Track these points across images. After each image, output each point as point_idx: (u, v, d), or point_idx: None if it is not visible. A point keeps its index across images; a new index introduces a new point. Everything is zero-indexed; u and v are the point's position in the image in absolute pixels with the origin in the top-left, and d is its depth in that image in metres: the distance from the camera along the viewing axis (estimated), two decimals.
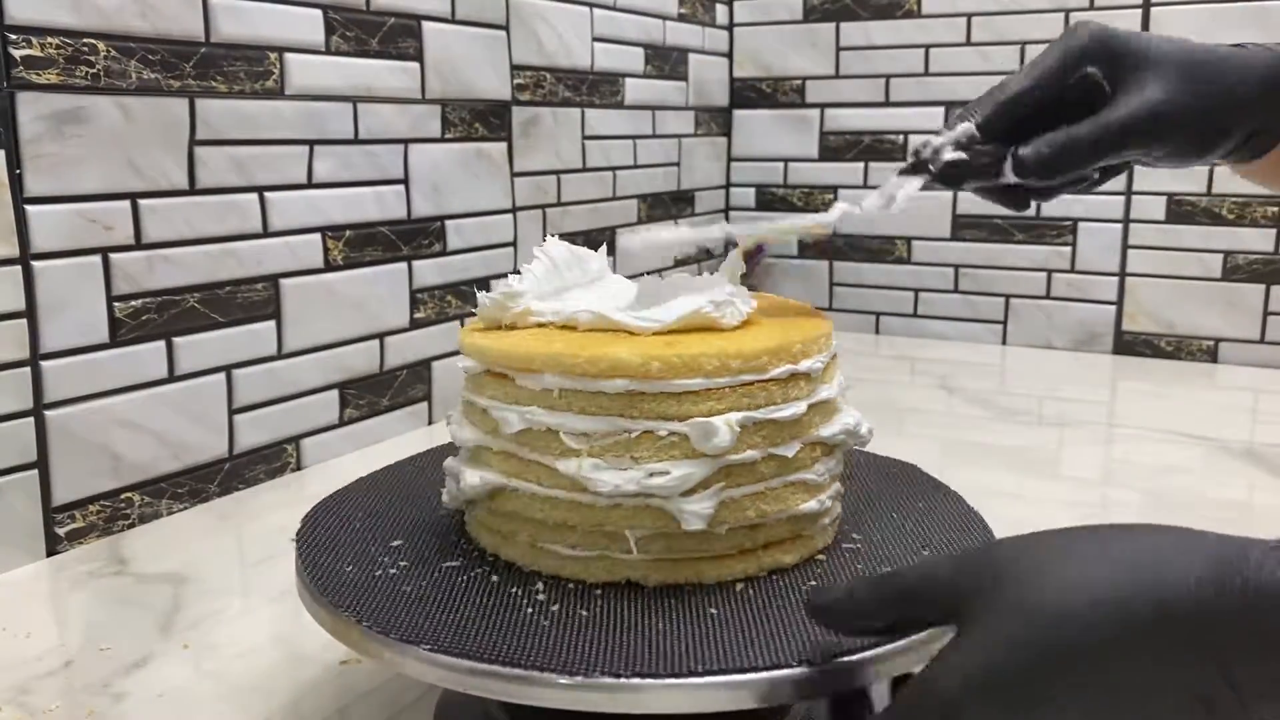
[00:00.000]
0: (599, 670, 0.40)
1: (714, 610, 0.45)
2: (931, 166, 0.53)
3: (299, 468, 0.92)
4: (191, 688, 0.57)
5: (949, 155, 0.52)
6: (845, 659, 0.40)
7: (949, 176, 0.52)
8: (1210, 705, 0.30)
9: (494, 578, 0.49)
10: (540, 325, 0.52)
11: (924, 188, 0.53)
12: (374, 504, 0.57)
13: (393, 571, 0.49)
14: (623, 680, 0.39)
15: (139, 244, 0.77)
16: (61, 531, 0.74)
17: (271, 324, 0.88)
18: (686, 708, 0.40)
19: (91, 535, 0.76)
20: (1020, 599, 0.34)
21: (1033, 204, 0.55)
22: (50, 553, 0.73)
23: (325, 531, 0.53)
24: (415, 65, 0.99)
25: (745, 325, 0.51)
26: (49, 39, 0.70)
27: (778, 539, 0.49)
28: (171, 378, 0.80)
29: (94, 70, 0.73)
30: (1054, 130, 0.50)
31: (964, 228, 1.46)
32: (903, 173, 0.54)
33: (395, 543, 0.52)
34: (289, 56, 0.87)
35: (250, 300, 0.86)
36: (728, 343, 0.48)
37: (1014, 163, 0.50)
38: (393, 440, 1.00)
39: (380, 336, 0.99)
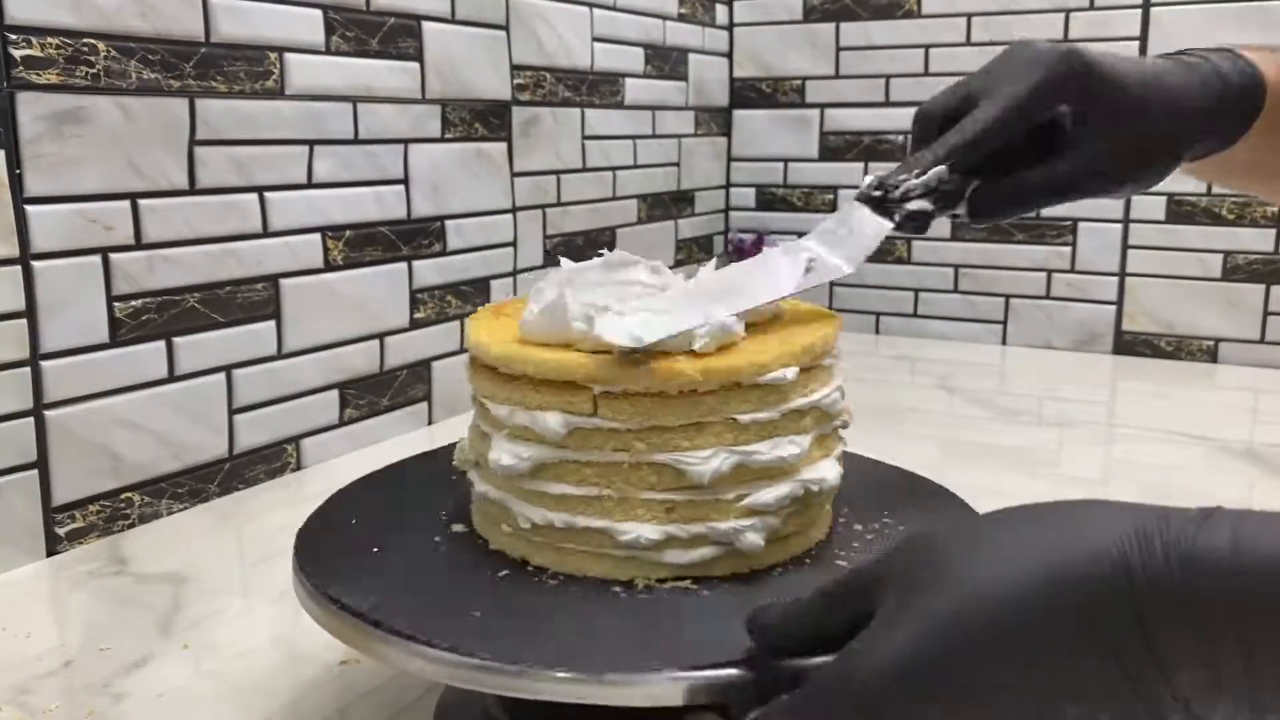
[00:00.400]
0: (598, 664, 0.40)
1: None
2: (896, 215, 0.50)
3: (299, 468, 0.92)
4: (191, 688, 0.57)
5: (915, 205, 0.50)
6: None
7: (907, 226, 0.51)
8: (1132, 675, 0.29)
9: (493, 571, 0.49)
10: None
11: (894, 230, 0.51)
12: (374, 505, 0.57)
13: (389, 567, 0.49)
14: (623, 674, 0.39)
15: (139, 244, 0.77)
16: (61, 531, 0.74)
17: (271, 324, 0.88)
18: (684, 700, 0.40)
19: (91, 535, 0.76)
20: (943, 580, 0.33)
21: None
22: (50, 553, 0.73)
23: (324, 532, 0.54)
24: (415, 65, 0.99)
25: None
26: (49, 39, 0.70)
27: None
28: (171, 378, 0.80)
29: (94, 70, 0.73)
30: (1008, 174, 0.50)
31: (964, 228, 1.45)
32: (865, 200, 0.52)
33: (395, 543, 0.52)
34: (289, 56, 0.87)
35: (250, 300, 0.86)
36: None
37: (970, 205, 0.50)
38: (393, 440, 1.00)
39: (380, 336, 0.99)
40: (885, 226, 0.51)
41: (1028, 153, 0.51)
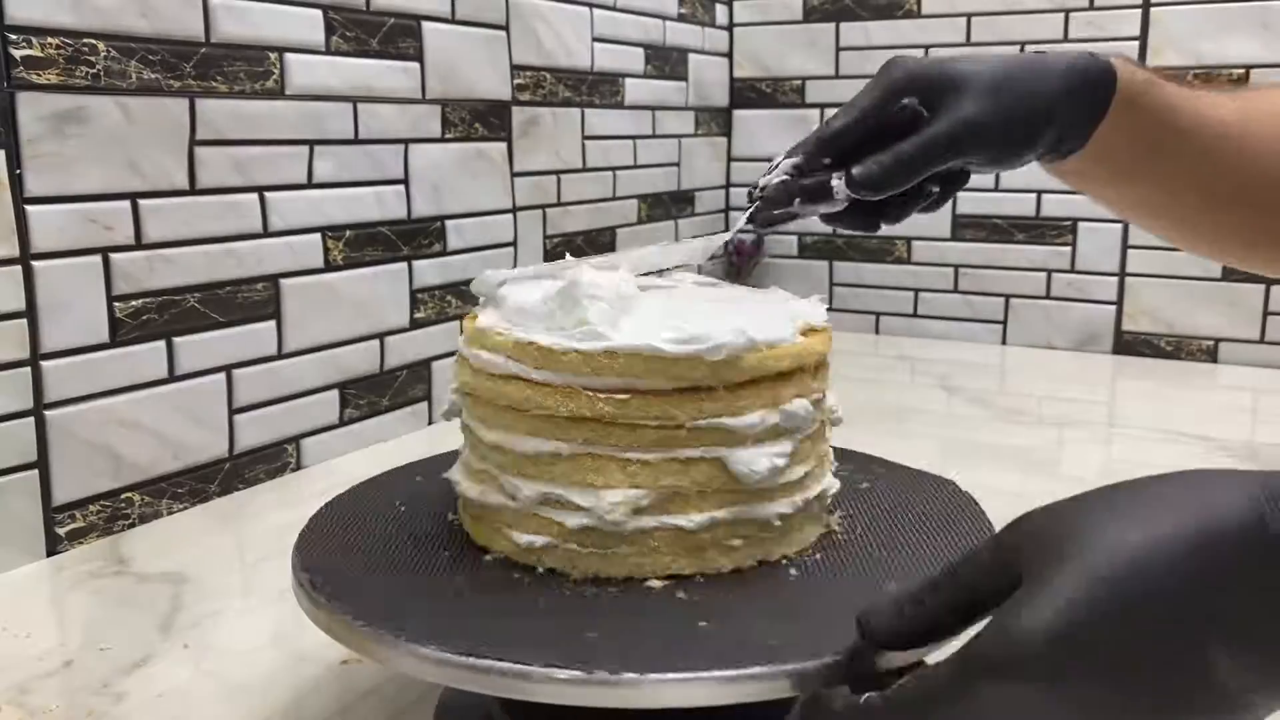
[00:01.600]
0: (599, 665, 0.40)
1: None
2: (761, 196, 0.56)
3: (299, 468, 0.92)
4: (192, 688, 0.57)
5: (772, 181, 0.56)
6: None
7: (775, 202, 0.56)
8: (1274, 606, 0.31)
9: (486, 573, 0.49)
10: None
11: (768, 222, 0.57)
12: (372, 506, 0.57)
13: (390, 569, 0.49)
14: (624, 675, 0.39)
15: (139, 244, 0.77)
16: (62, 531, 0.74)
17: (271, 324, 0.88)
18: (689, 701, 0.40)
19: (92, 535, 0.76)
20: (1089, 545, 0.34)
21: (883, 225, 0.58)
22: (50, 553, 0.73)
23: (324, 533, 0.54)
24: (415, 65, 0.99)
25: None
26: (49, 39, 0.70)
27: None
28: (172, 378, 0.80)
29: (94, 70, 0.73)
30: (879, 149, 0.54)
31: (964, 228, 1.46)
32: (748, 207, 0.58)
33: (392, 542, 0.52)
34: (289, 57, 0.87)
35: (250, 300, 0.86)
36: None
37: (846, 179, 0.54)
38: (393, 440, 1.00)
39: (380, 336, 0.99)
40: (742, 218, 0.58)
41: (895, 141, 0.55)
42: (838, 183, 0.54)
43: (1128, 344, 1.38)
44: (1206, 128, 0.56)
